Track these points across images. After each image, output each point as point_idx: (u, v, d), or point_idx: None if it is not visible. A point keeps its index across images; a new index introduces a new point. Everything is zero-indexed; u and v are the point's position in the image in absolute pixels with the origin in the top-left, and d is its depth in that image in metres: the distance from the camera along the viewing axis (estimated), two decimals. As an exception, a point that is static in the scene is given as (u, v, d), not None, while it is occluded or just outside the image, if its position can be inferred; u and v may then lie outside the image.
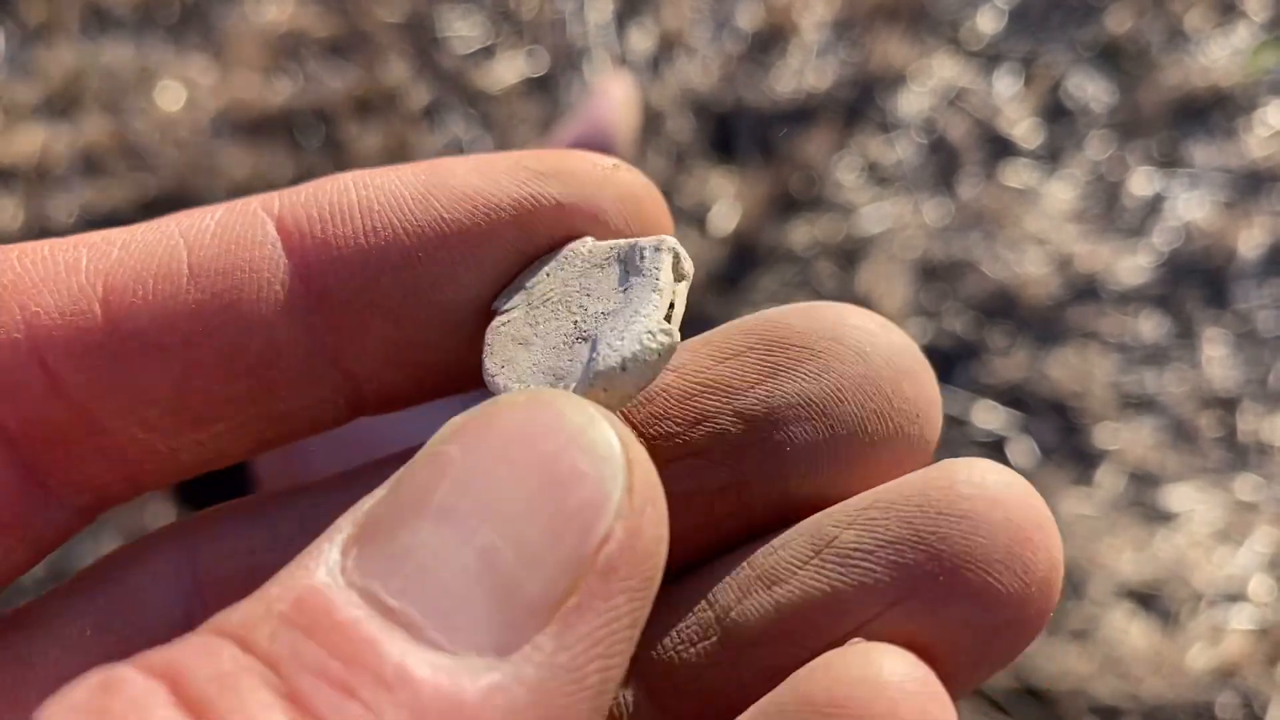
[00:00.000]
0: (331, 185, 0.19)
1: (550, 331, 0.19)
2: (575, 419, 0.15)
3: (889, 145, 0.98)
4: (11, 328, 0.18)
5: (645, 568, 0.15)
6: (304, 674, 0.13)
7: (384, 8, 1.01)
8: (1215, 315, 0.92)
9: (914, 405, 0.20)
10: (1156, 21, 1.04)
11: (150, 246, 0.19)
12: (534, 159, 0.20)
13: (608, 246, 0.20)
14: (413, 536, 0.15)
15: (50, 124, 0.96)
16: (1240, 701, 0.77)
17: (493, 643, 0.14)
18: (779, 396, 0.20)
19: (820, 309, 0.20)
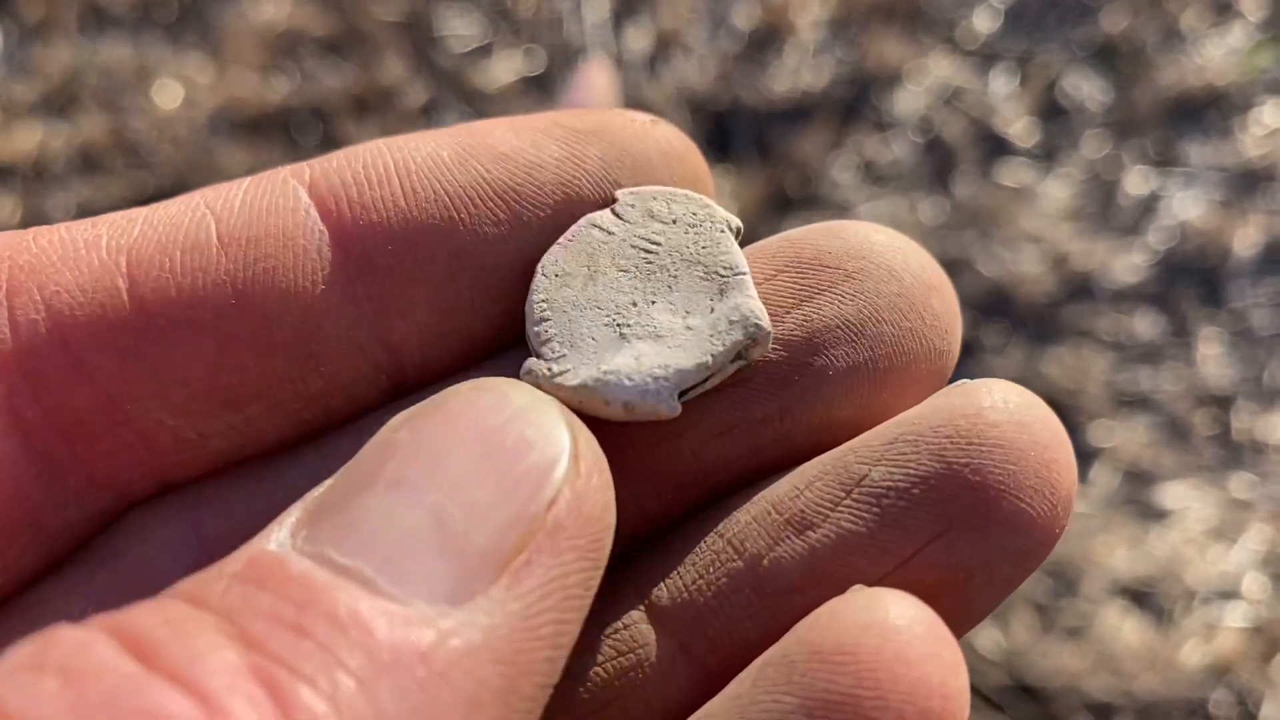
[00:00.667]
0: (365, 150, 0.19)
1: (608, 302, 0.19)
2: (520, 399, 0.16)
3: (885, 144, 0.98)
4: (31, 309, 0.17)
5: (593, 529, 0.15)
6: (257, 619, 0.13)
7: (381, 6, 1.02)
8: (1210, 314, 0.92)
9: (943, 321, 0.20)
10: (1152, 21, 1.04)
11: (175, 219, 0.18)
12: (572, 117, 0.20)
13: (686, 236, 0.20)
14: (363, 506, 0.15)
15: (48, 122, 0.96)
16: (1234, 699, 0.77)
17: (445, 593, 0.14)
18: (817, 320, 0.19)
19: (844, 229, 0.20)
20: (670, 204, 0.20)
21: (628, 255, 0.19)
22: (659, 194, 0.20)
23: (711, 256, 0.19)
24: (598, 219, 0.19)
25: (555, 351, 0.18)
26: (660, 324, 0.19)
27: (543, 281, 0.19)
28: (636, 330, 0.19)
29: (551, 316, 0.19)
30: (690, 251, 0.19)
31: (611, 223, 0.19)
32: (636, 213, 0.20)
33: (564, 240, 0.19)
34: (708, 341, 0.18)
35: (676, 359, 0.18)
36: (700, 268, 0.19)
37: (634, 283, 0.19)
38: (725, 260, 0.19)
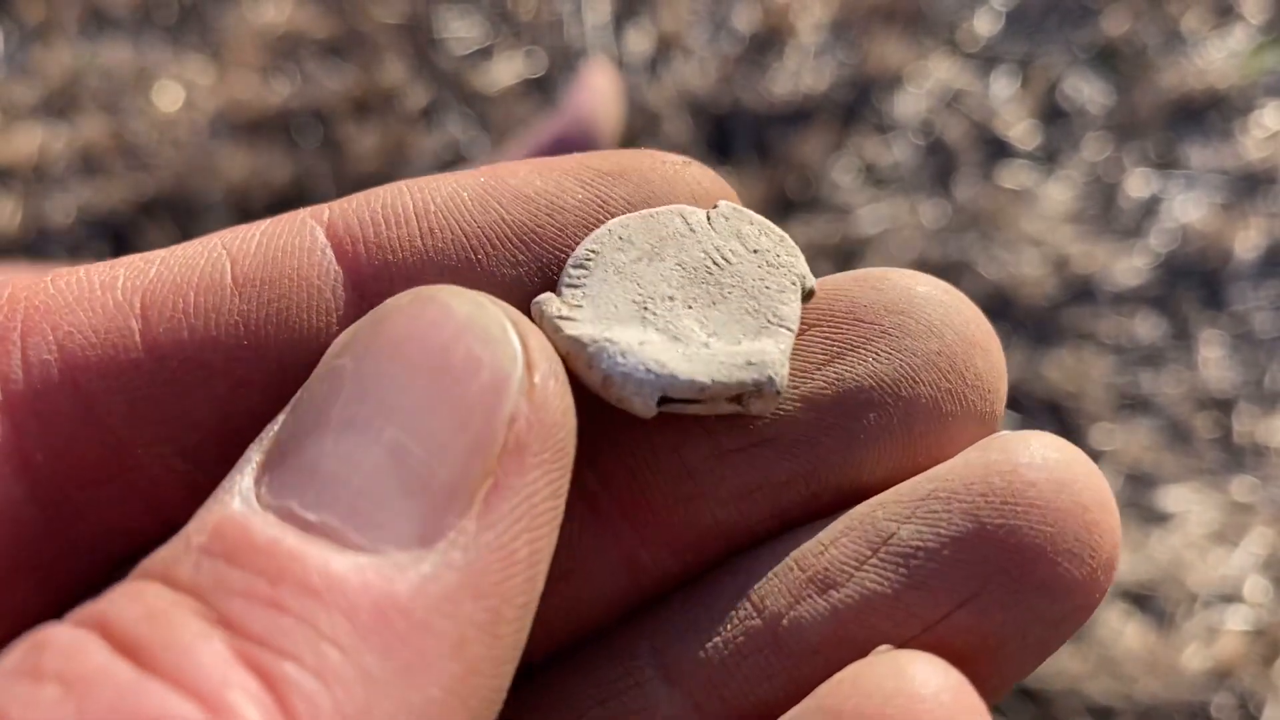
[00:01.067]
0: (386, 191, 0.18)
1: (649, 284, 0.18)
2: (462, 308, 0.15)
3: (886, 146, 0.98)
4: (43, 349, 0.17)
5: (556, 439, 0.15)
6: (232, 598, 0.13)
7: (382, 9, 1.01)
8: (1211, 317, 0.92)
9: (985, 380, 0.19)
10: (1153, 23, 1.04)
11: (190, 260, 0.18)
12: (600, 159, 0.19)
13: (745, 258, 0.19)
14: (318, 449, 0.14)
15: (48, 124, 0.96)
16: (1236, 702, 0.77)
17: (415, 535, 0.14)
18: (849, 379, 0.19)
19: (883, 279, 0.19)
20: (762, 235, 0.19)
21: (695, 257, 0.19)
22: (757, 222, 0.19)
23: (770, 299, 0.18)
24: (688, 212, 0.19)
25: (575, 299, 0.18)
26: (683, 329, 0.18)
27: (604, 235, 0.18)
28: (658, 321, 0.18)
29: (592, 269, 0.18)
30: (753, 284, 0.19)
31: (699, 223, 0.19)
32: (727, 226, 0.19)
33: (646, 212, 0.19)
34: (715, 366, 0.18)
35: (676, 364, 0.17)
36: (753, 302, 0.18)
37: (684, 282, 0.19)
38: (780, 310, 0.18)
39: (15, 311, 0.17)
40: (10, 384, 0.17)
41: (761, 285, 0.19)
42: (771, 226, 0.19)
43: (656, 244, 0.19)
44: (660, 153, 0.20)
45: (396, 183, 0.18)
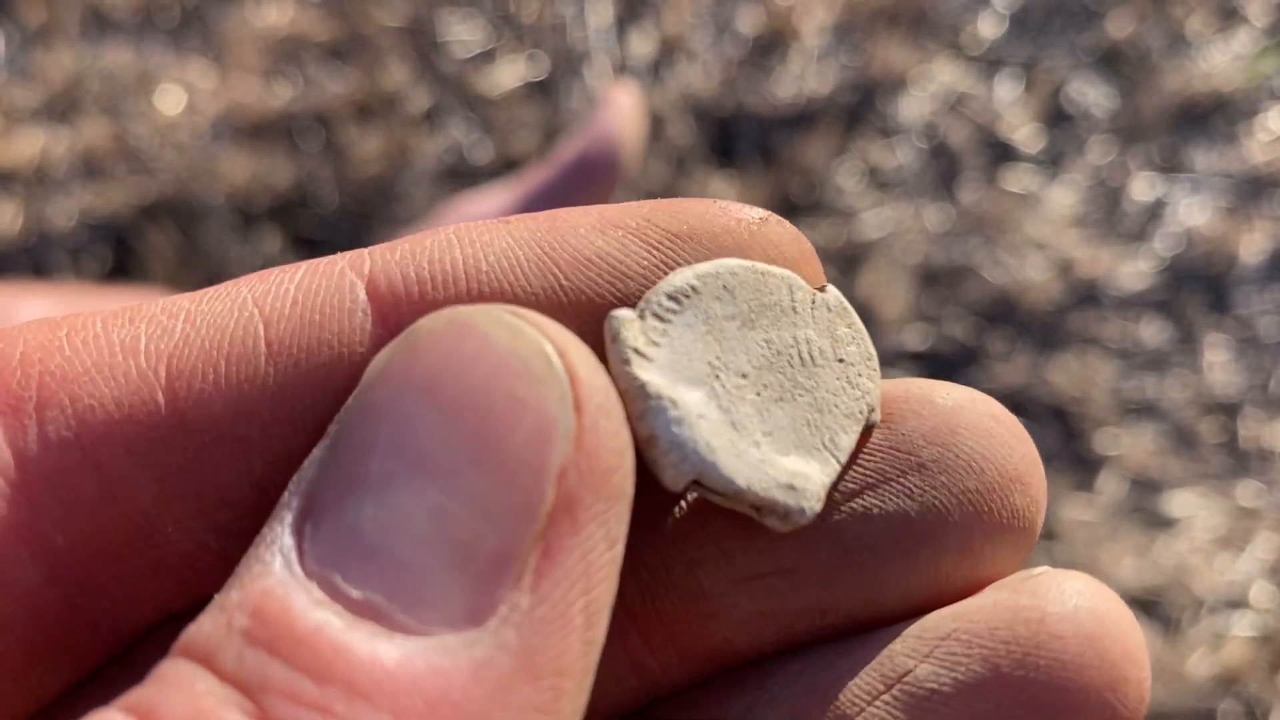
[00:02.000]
0: (432, 241, 0.17)
1: (730, 351, 0.17)
2: (501, 337, 0.14)
3: (890, 150, 0.98)
4: (61, 424, 0.15)
5: (610, 488, 0.14)
6: (277, 699, 0.12)
7: (384, 12, 1.01)
8: (1217, 321, 0.92)
9: (1022, 517, 0.18)
10: (1157, 27, 1.04)
11: (220, 320, 0.16)
12: (668, 215, 0.17)
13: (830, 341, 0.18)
14: (358, 511, 0.14)
15: (50, 127, 0.96)
16: (1242, 709, 0.77)
17: (465, 611, 0.13)
18: (876, 513, 0.17)
19: (927, 401, 0.18)
20: (852, 345, 0.18)
21: (784, 341, 0.17)
22: (855, 327, 0.18)
23: (834, 420, 0.17)
24: (796, 287, 0.18)
25: (656, 335, 0.16)
26: (742, 416, 0.17)
27: (710, 274, 0.17)
28: (722, 398, 0.17)
29: (685, 307, 0.17)
30: (825, 396, 0.17)
31: (802, 303, 0.18)
32: (826, 320, 0.18)
33: (760, 267, 0.17)
34: (757, 473, 0.16)
35: (723, 455, 0.16)
36: (818, 415, 0.17)
37: (763, 364, 0.17)
38: (839, 438, 0.17)
39: (29, 379, 0.16)
40: (27, 462, 0.15)
41: (833, 401, 0.18)
42: (864, 336, 0.18)
43: (756, 310, 0.17)
44: (733, 206, 0.18)
45: (446, 229, 0.17)
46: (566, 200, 0.52)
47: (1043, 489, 0.18)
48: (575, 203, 0.52)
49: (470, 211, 0.54)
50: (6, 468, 0.15)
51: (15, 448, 0.15)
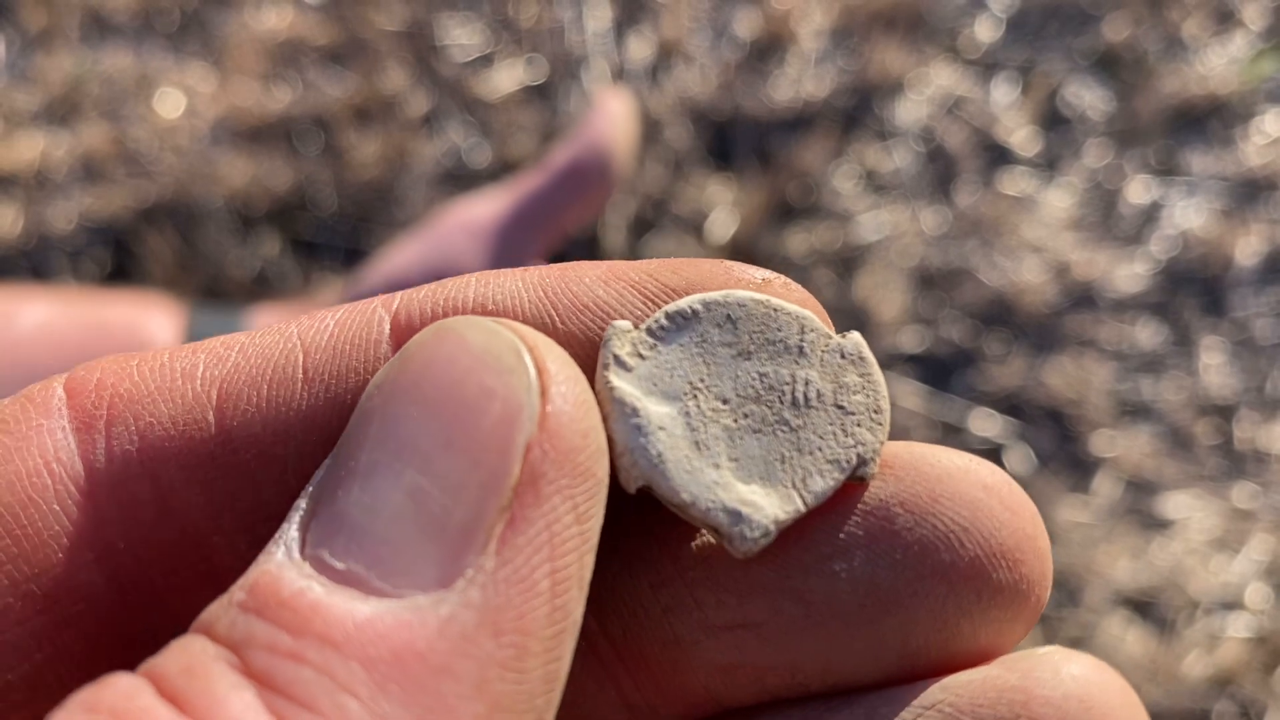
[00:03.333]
0: (452, 284, 0.18)
1: (717, 376, 0.17)
2: (477, 339, 0.15)
3: (887, 153, 0.98)
4: (125, 440, 0.17)
5: (575, 464, 0.15)
6: (259, 652, 0.14)
7: (383, 16, 1.02)
8: (1212, 323, 0.92)
9: (1009, 593, 0.17)
10: (1154, 30, 1.04)
11: (267, 349, 0.18)
12: (671, 272, 0.18)
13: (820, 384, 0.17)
14: (346, 496, 0.15)
15: (49, 130, 0.96)
16: (1237, 710, 0.77)
17: (435, 577, 0.14)
18: (844, 579, 0.17)
19: (913, 467, 0.18)
20: (859, 394, 0.18)
21: (780, 378, 0.18)
22: (870, 378, 0.18)
23: (813, 463, 0.17)
24: (810, 327, 0.18)
25: (645, 347, 0.17)
26: (709, 438, 0.17)
27: (718, 302, 0.18)
28: (693, 418, 0.17)
29: (681, 328, 0.17)
30: (810, 439, 0.17)
31: (811, 345, 0.18)
32: (836, 365, 0.18)
33: (774, 303, 0.18)
34: (705, 492, 0.17)
35: (674, 468, 0.17)
36: (795, 455, 0.17)
37: (750, 395, 0.17)
38: (812, 481, 0.17)
39: (102, 399, 0.17)
40: (95, 472, 0.17)
41: (817, 444, 0.17)
42: (879, 390, 0.18)
43: (758, 343, 0.18)
44: (738, 267, 0.19)
45: (469, 275, 0.18)
46: (560, 205, 0.53)
47: (1040, 566, 0.18)
48: (569, 208, 0.53)
49: (465, 216, 0.55)
50: (78, 478, 0.17)
51: (86, 460, 0.17)
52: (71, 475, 0.17)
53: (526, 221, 0.53)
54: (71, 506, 0.17)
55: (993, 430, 0.87)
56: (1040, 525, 0.18)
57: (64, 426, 0.17)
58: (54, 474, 0.17)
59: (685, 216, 0.94)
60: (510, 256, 0.53)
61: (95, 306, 0.55)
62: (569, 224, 0.54)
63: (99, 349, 0.53)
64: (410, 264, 0.54)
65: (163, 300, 0.57)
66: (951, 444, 0.85)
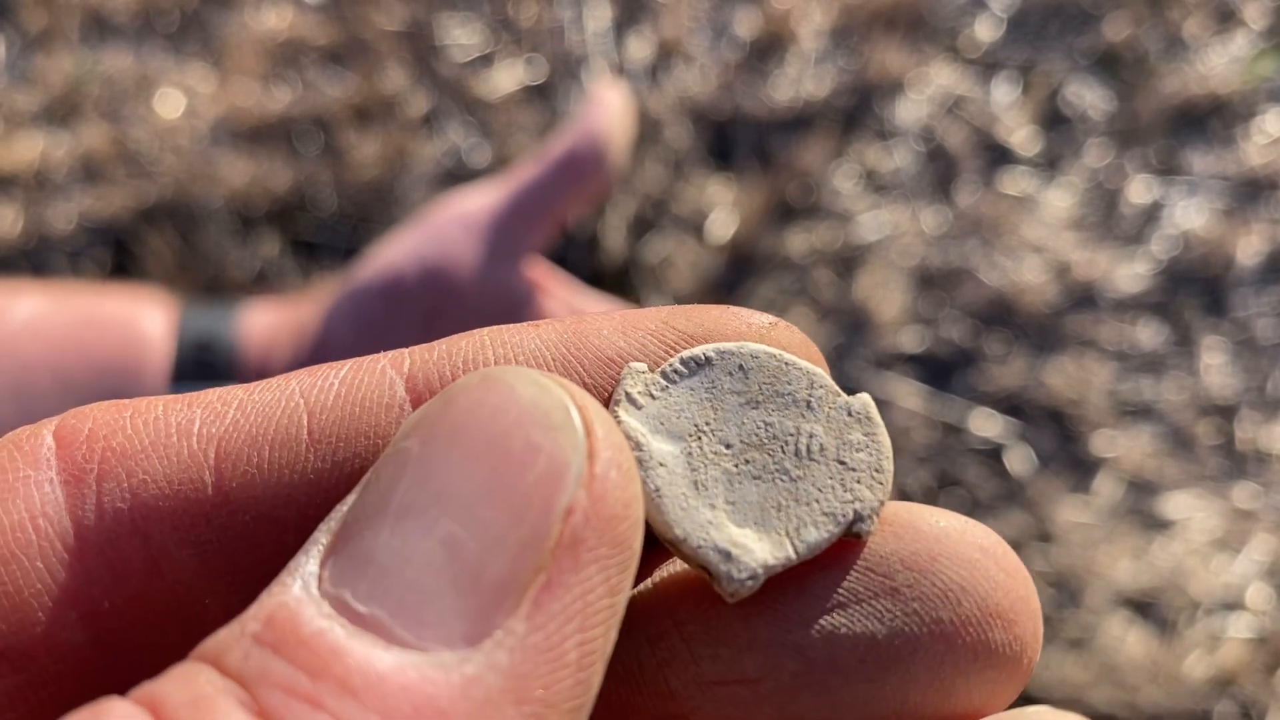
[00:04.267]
0: (467, 343, 0.18)
1: (724, 421, 0.18)
2: (526, 391, 0.15)
3: (887, 153, 0.98)
4: (117, 496, 0.17)
5: (615, 534, 0.15)
6: (273, 691, 0.13)
7: (383, 16, 1.02)
8: (1213, 323, 0.92)
9: (1003, 653, 0.17)
10: (1155, 29, 1.04)
11: (268, 408, 0.17)
12: (684, 319, 0.18)
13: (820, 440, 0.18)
14: (375, 538, 0.14)
15: (50, 131, 0.96)
16: (1238, 710, 0.77)
17: (462, 633, 0.14)
18: (843, 636, 0.17)
19: (911, 525, 0.18)
20: (863, 452, 0.18)
21: (785, 430, 0.18)
22: (874, 437, 0.18)
23: (808, 515, 0.17)
24: (819, 384, 0.18)
25: (657, 389, 0.18)
26: (708, 479, 0.17)
27: (733, 352, 0.18)
28: (694, 458, 0.17)
29: (694, 373, 0.18)
30: (809, 490, 0.17)
31: (819, 400, 0.18)
32: (842, 423, 0.18)
33: (786, 358, 0.18)
34: (697, 531, 0.17)
35: (670, 503, 0.17)
36: (792, 505, 0.17)
37: (754, 442, 0.18)
38: (806, 531, 0.17)
39: (94, 452, 0.17)
40: (83, 529, 0.17)
41: (815, 496, 0.18)
42: (882, 450, 0.18)
43: (767, 394, 0.18)
44: (745, 312, 0.19)
45: (480, 331, 0.18)
46: (554, 197, 0.52)
47: (1032, 628, 0.18)
48: (565, 199, 0.52)
49: (460, 209, 0.54)
50: (65, 535, 0.16)
51: (74, 515, 0.17)
52: (58, 531, 0.16)
53: (522, 213, 0.53)
54: (56, 564, 0.16)
55: (993, 430, 0.87)
56: (1032, 587, 0.18)
57: (52, 479, 0.17)
58: (39, 529, 0.16)
59: (685, 216, 0.93)
60: (505, 249, 0.52)
61: (87, 301, 0.55)
62: (565, 216, 0.54)
63: (91, 344, 0.52)
64: (404, 258, 0.53)
65: (156, 295, 0.56)
66: (952, 445, 0.85)
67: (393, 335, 0.52)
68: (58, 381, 0.51)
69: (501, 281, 0.52)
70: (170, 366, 0.52)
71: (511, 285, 0.52)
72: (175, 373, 0.52)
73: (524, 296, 0.52)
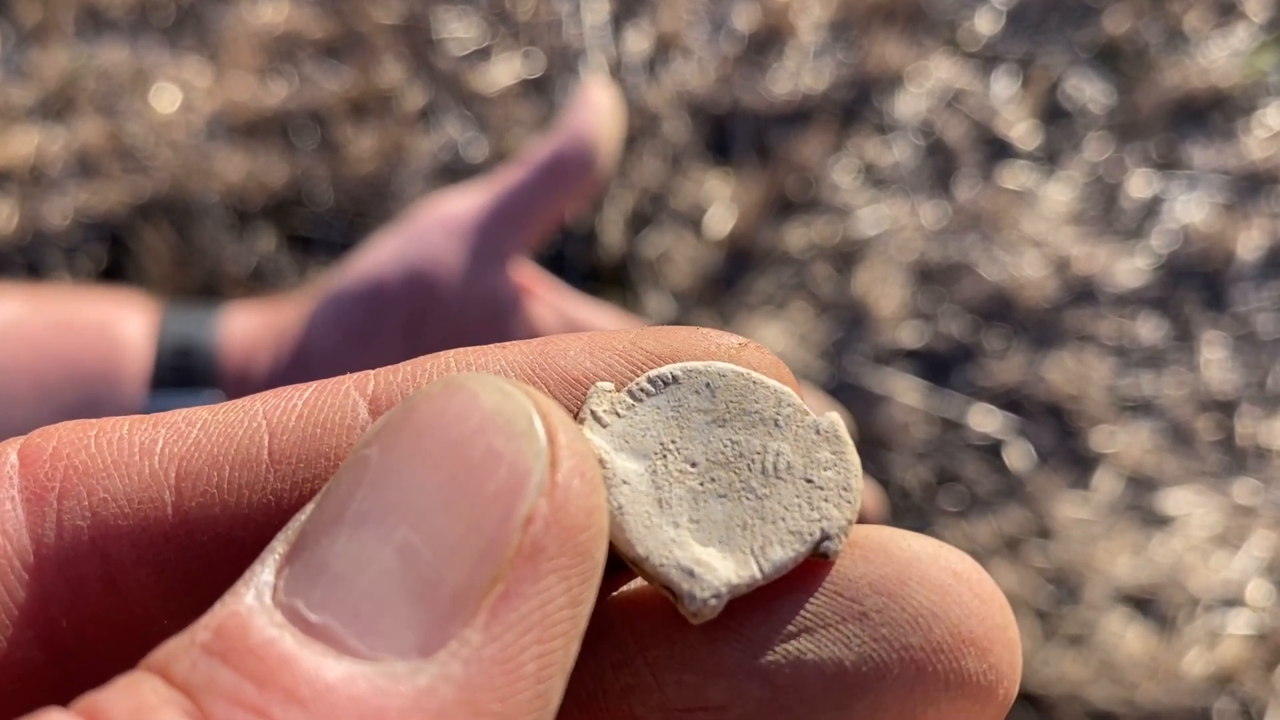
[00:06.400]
0: (432, 364, 0.18)
1: (689, 439, 0.17)
2: (489, 398, 0.15)
3: (886, 147, 0.98)
4: (77, 514, 0.16)
5: (576, 543, 0.14)
6: (219, 701, 0.13)
7: (380, 9, 1.01)
8: (1213, 318, 0.91)
9: (977, 682, 0.17)
10: (1155, 22, 1.04)
11: (231, 428, 0.17)
12: (653, 340, 0.18)
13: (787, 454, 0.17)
14: (331, 546, 0.14)
15: (45, 126, 0.95)
16: (1238, 707, 0.77)
17: (416, 644, 0.13)
18: (810, 662, 0.17)
19: (882, 548, 0.17)
20: (830, 471, 0.18)
21: (751, 448, 0.17)
22: (842, 456, 0.18)
23: (774, 533, 0.17)
24: (787, 403, 0.18)
25: (624, 406, 0.17)
26: (673, 497, 0.17)
27: (699, 371, 0.18)
28: (659, 477, 0.17)
29: (660, 391, 0.18)
30: (775, 508, 0.17)
31: (788, 419, 0.18)
32: (810, 442, 0.18)
33: (755, 378, 0.18)
34: (661, 550, 0.17)
35: (634, 522, 0.17)
36: (758, 523, 0.17)
37: (720, 460, 0.17)
38: (772, 551, 0.17)
39: (56, 470, 0.17)
40: (43, 547, 0.16)
41: (781, 514, 0.17)
42: (851, 469, 0.18)
43: (734, 413, 0.18)
44: (714, 333, 0.19)
45: (447, 354, 0.18)
46: (542, 199, 0.52)
47: (1008, 655, 0.17)
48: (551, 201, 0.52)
49: (444, 211, 0.54)
50: (24, 553, 0.16)
51: (34, 533, 0.16)
52: (17, 549, 0.16)
53: (507, 216, 0.52)
54: (15, 582, 0.16)
55: (992, 426, 0.87)
56: (1010, 616, 0.17)
57: (13, 497, 0.16)
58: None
59: (683, 211, 0.93)
60: (490, 252, 0.52)
61: (66, 305, 0.54)
62: (552, 218, 0.53)
63: (68, 349, 0.51)
64: (387, 261, 0.53)
65: (136, 299, 0.56)
66: (952, 440, 0.85)
67: (375, 340, 0.51)
68: (35, 386, 0.50)
69: (486, 286, 0.51)
70: (149, 372, 0.52)
71: (496, 289, 0.51)
72: (154, 378, 0.51)
73: (509, 301, 0.52)
